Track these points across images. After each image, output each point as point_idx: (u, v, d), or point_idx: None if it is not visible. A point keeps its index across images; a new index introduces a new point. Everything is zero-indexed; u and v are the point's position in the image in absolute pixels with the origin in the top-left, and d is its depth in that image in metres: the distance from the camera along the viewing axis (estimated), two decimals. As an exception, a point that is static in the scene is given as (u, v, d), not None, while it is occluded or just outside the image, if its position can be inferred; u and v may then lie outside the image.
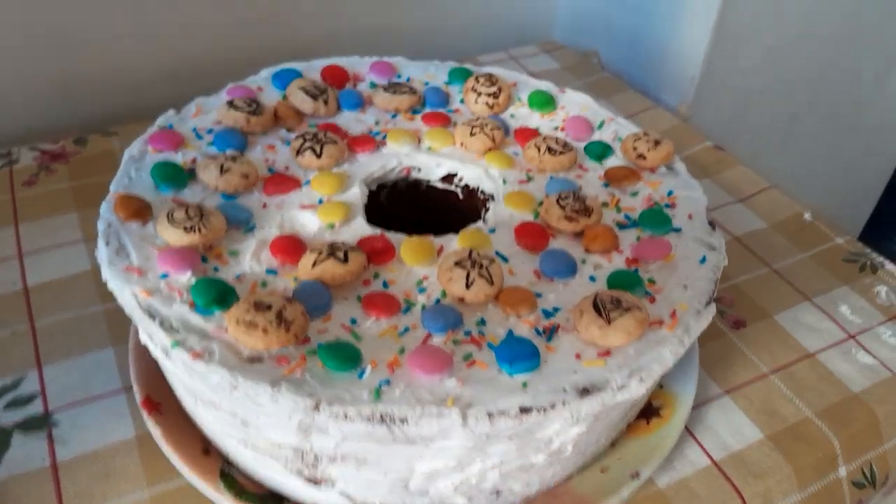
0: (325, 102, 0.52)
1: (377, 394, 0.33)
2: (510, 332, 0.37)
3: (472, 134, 0.50)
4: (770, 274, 0.61)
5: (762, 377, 0.52)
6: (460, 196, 0.51)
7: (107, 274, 0.38)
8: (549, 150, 0.49)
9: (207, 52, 0.76)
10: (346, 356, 0.34)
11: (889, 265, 0.62)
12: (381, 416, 0.32)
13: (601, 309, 0.36)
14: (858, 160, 1.17)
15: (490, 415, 0.32)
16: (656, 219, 0.44)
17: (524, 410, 0.33)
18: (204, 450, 0.42)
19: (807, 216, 0.67)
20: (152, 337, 0.35)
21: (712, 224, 0.45)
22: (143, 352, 0.46)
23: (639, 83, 0.92)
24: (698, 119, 0.89)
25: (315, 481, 0.38)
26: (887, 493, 0.53)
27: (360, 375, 0.34)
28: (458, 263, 0.39)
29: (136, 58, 0.73)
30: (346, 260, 0.39)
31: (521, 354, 0.35)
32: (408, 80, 0.57)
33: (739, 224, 0.65)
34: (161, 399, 0.44)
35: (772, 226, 0.65)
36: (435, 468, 0.35)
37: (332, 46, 0.82)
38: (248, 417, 0.35)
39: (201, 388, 0.36)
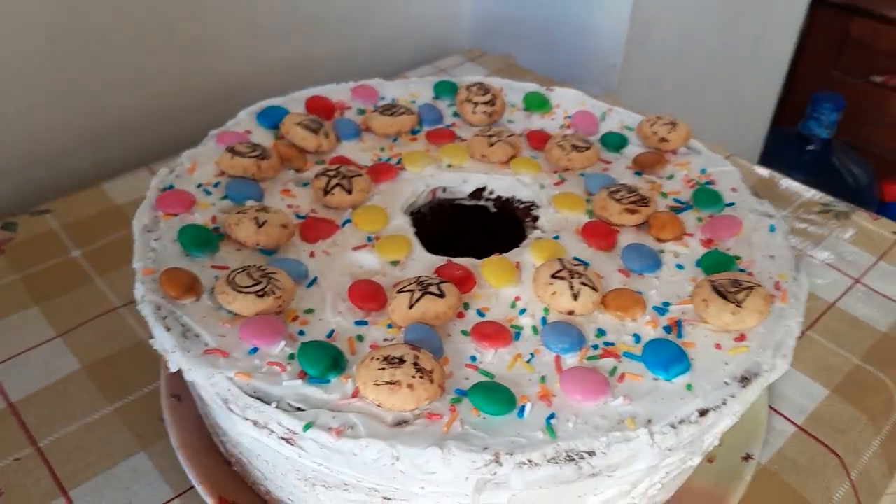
0: (327, 135, 0.48)
1: (552, 431, 0.30)
2: (636, 337, 0.35)
3: (491, 144, 0.48)
4: (763, 237, 0.63)
5: (802, 335, 0.53)
6: (492, 210, 0.48)
7: (182, 363, 0.32)
8: (575, 147, 0.47)
9: (131, 108, 0.68)
10: (501, 397, 0.31)
11: (857, 209, 0.66)
12: (568, 455, 0.29)
13: (725, 294, 0.35)
14: (740, 116, 1.26)
15: (673, 426, 0.30)
16: (709, 198, 0.44)
17: (703, 413, 0.31)
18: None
19: (765, 174, 0.70)
20: (268, 423, 0.30)
21: (756, 193, 0.45)
22: (202, 447, 0.40)
23: (560, 79, 0.93)
24: (623, 104, 0.91)
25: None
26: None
27: (520, 415, 0.31)
28: (555, 276, 0.36)
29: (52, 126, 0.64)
30: (442, 294, 0.35)
31: (671, 358, 0.33)
32: (393, 100, 0.54)
33: (718, 195, 0.67)
34: (234, 496, 0.38)
35: (746, 192, 0.68)
36: (607, 498, 0.32)
37: (259, 83, 0.76)
38: (398, 489, 0.31)
39: (330, 471, 0.31)
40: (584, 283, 0.36)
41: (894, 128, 1.61)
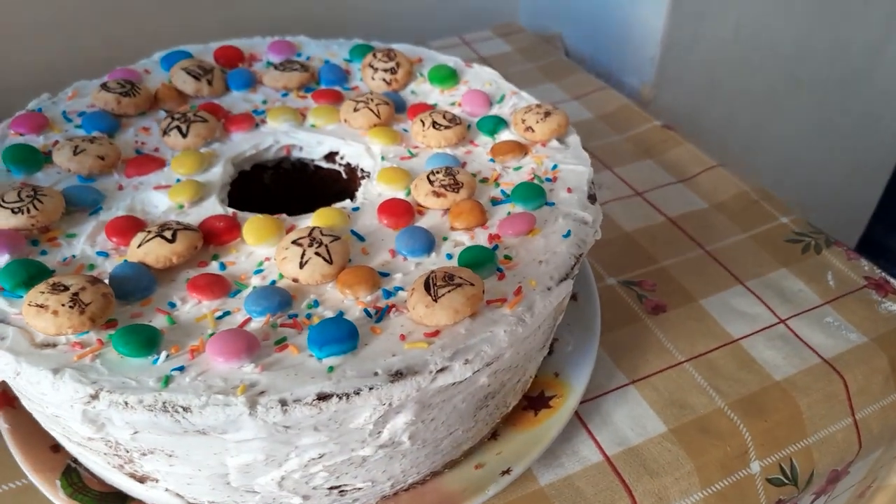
0: (210, 83, 0.50)
1: (166, 382, 0.30)
2: (340, 313, 0.34)
3: (355, 110, 0.47)
4: (703, 256, 0.56)
5: (676, 366, 0.48)
6: (343, 175, 0.48)
7: (-76, 259, 0.36)
8: (434, 124, 0.46)
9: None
10: (140, 341, 0.31)
11: (835, 246, 0.57)
12: (164, 405, 0.30)
13: (429, 287, 0.33)
14: (855, 141, 1.10)
15: (283, 403, 0.30)
16: (529, 193, 0.41)
17: (322, 398, 0.30)
18: (53, 447, 0.40)
19: (752, 191, 0.62)
20: (-53, 322, 0.33)
21: (592, 198, 0.42)
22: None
23: (603, 66, 0.88)
24: (663, 100, 0.85)
25: (138, 478, 0.36)
26: (820, 493, 0.48)
27: (155, 362, 0.31)
28: (295, 242, 0.36)
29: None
30: (172, 240, 0.36)
31: (333, 337, 0.32)
32: (307, 58, 0.54)
33: (676, 204, 0.61)
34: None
35: (713, 206, 0.61)
36: (245, 462, 0.32)
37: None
38: (50, 409, 0.33)
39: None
40: (317, 254, 0.36)
41: None
